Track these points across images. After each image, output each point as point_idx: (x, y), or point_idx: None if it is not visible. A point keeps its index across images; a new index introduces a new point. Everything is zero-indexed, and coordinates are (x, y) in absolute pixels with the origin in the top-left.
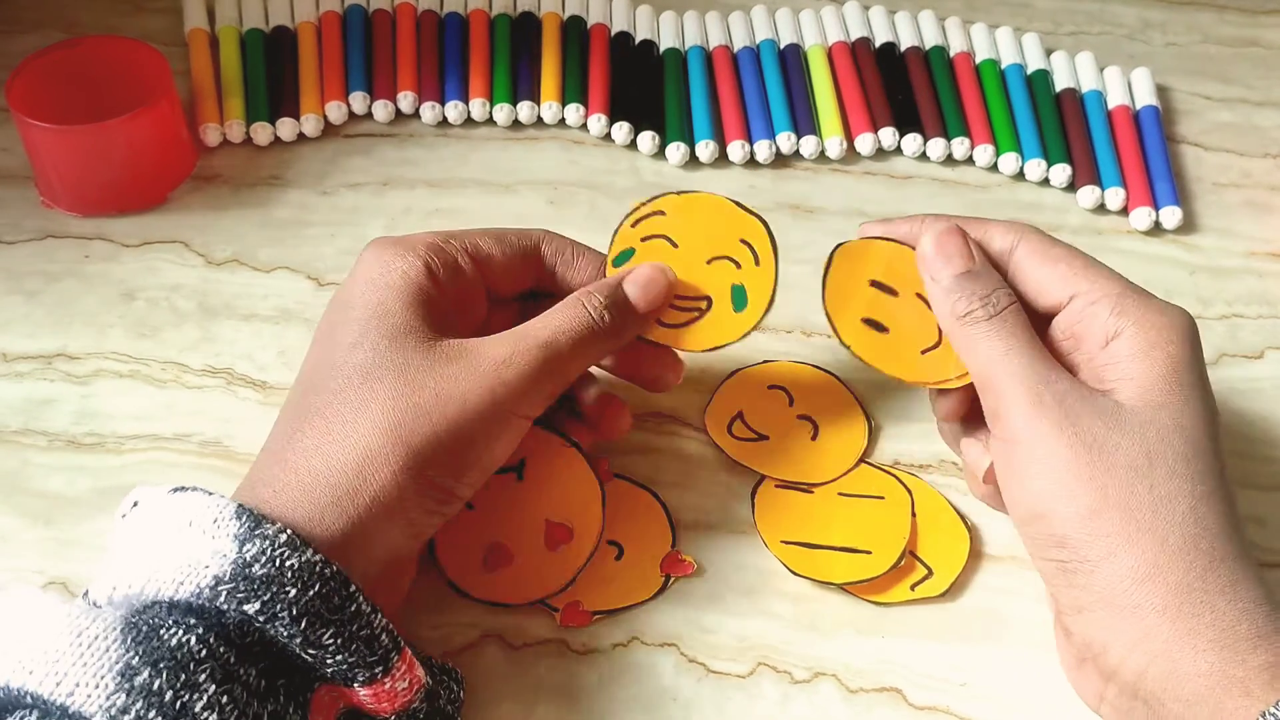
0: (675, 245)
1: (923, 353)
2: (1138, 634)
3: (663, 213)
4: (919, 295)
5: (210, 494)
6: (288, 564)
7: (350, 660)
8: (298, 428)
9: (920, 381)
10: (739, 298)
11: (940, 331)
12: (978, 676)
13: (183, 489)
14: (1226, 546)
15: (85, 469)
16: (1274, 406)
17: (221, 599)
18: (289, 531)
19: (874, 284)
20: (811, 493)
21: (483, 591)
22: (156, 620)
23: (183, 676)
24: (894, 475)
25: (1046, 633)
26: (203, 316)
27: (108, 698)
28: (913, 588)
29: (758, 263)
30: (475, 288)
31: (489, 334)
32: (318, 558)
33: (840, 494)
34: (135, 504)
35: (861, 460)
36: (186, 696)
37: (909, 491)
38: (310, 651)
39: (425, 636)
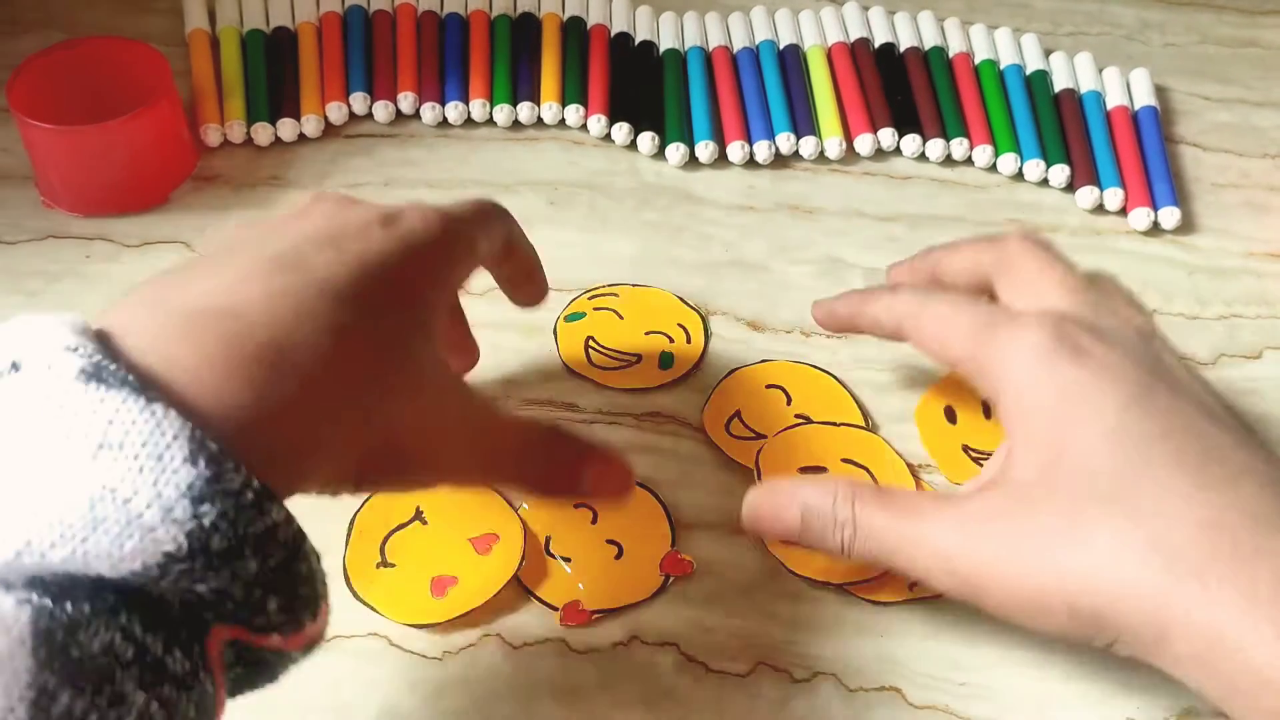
0: (621, 318)
1: None
2: None
3: (616, 295)
4: (843, 460)
5: (146, 401)
6: (250, 531)
7: (283, 619)
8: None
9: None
10: (666, 361)
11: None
12: (977, 676)
13: (98, 375)
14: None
15: None
16: (1273, 407)
17: (169, 577)
18: (255, 485)
19: (803, 470)
20: None
21: (447, 612)
22: (75, 616)
23: (108, 690)
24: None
25: None
26: None
27: None
28: (911, 587)
29: (689, 341)
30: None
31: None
32: (281, 516)
33: None
34: (15, 365)
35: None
36: (113, 715)
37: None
38: (243, 614)
39: (425, 635)
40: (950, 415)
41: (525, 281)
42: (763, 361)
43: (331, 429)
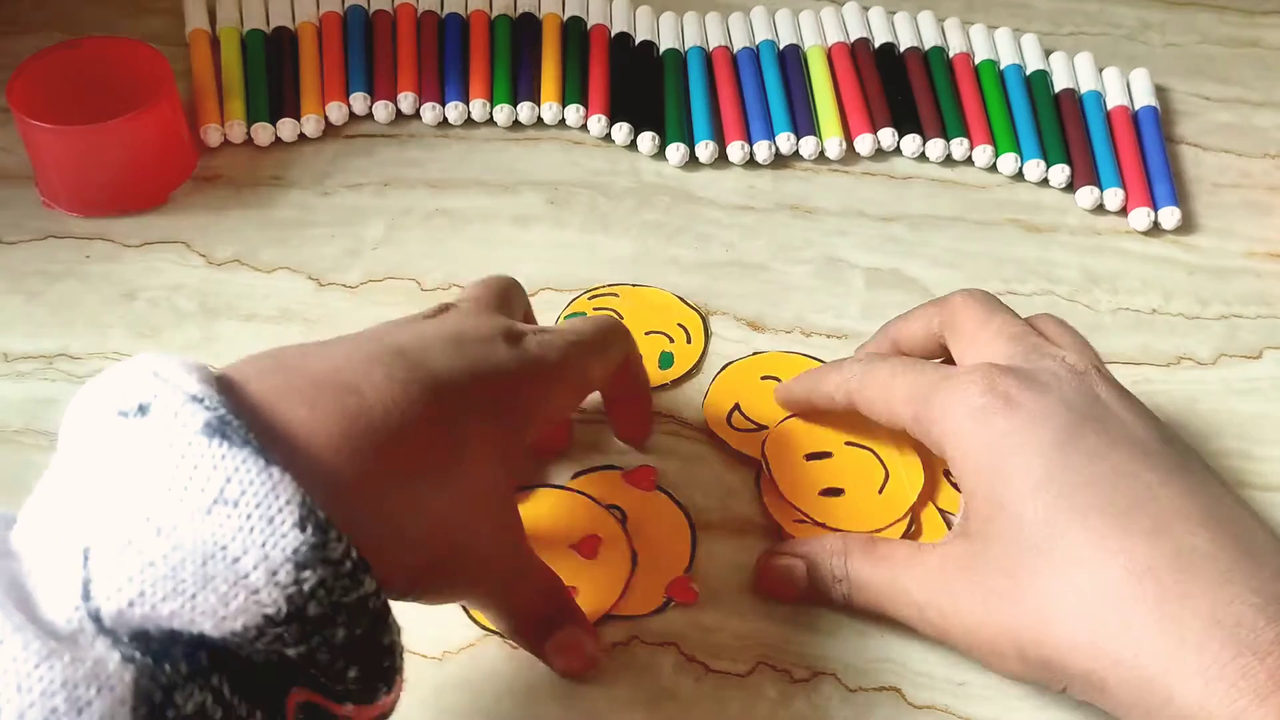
0: (621, 317)
1: (880, 492)
2: None
3: (616, 295)
4: (847, 443)
5: (265, 464)
6: (343, 601)
7: (360, 688)
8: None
9: (894, 520)
10: (666, 361)
11: (885, 467)
12: (977, 676)
13: (223, 432)
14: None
15: None
16: (1273, 406)
17: (265, 639)
18: (354, 555)
19: (809, 457)
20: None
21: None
22: (172, 674)
23: None
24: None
25: None
26: (204, 317)
27: None
28: None
29: (689, 341)
30: None
31: None
32: (372, 588)
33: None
34: (143, 409)
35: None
36: None
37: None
38: (325, 681)
39: (425, 635)
40: None
41: (629, 406)
42: (754, 354)
43: (414, 524)
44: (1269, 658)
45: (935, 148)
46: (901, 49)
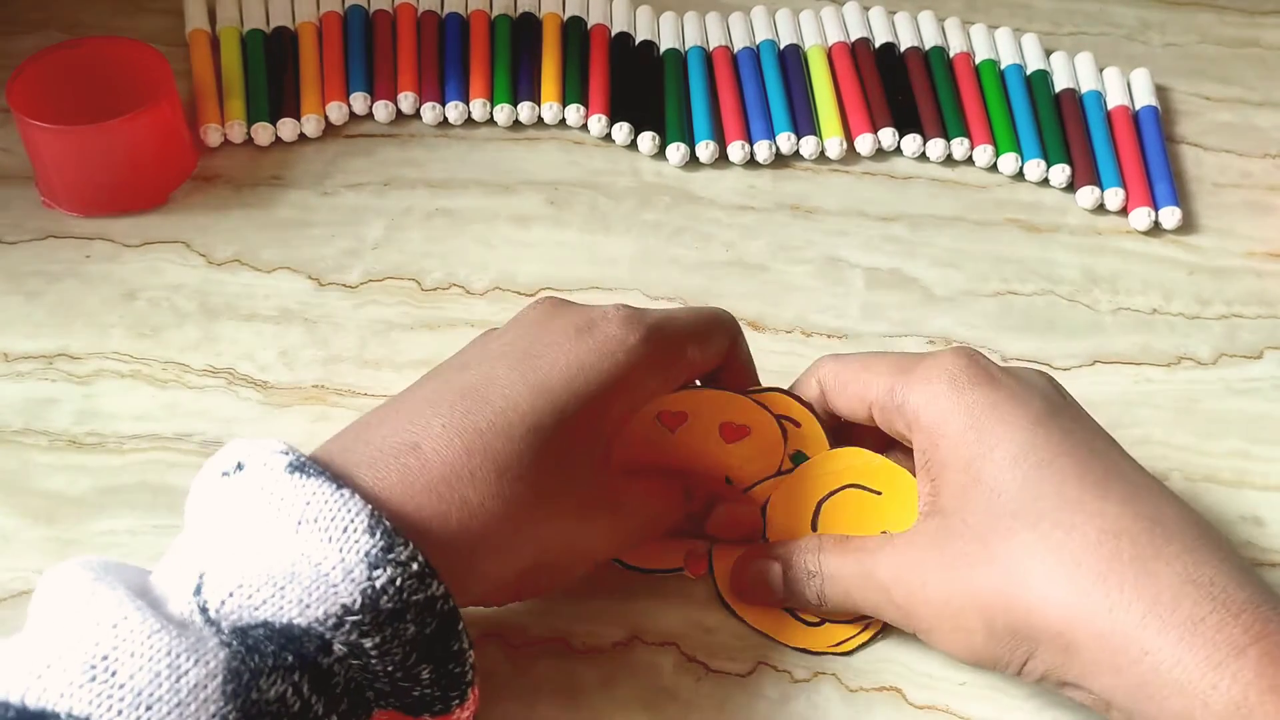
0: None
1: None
2: None
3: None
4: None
5: (338, 488)
6: (413, 599)
7: (435, 694)
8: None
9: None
10: (799, 458)
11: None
12: (977, 676)
13: (302, 468)
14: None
15: (86, 469)
16: (1273, 406)
17: (344, 629)
18: (420, 559)
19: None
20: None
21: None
22: (260, 663)
23: None
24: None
25: None
26: (204, 316)
27: None
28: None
29: (799, 425)
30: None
31: None
32: (440, 591)
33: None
34: (240, 466)
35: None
36: None
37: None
38: (403, 683)
39: None
40: None
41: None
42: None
43: (490, 558)
44: (1243, 615)
45: (936, 147)
46: (902, 49)
